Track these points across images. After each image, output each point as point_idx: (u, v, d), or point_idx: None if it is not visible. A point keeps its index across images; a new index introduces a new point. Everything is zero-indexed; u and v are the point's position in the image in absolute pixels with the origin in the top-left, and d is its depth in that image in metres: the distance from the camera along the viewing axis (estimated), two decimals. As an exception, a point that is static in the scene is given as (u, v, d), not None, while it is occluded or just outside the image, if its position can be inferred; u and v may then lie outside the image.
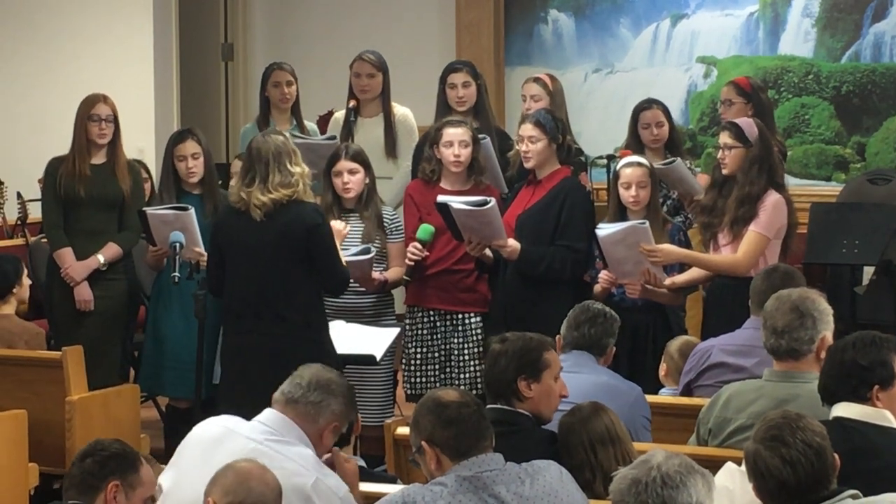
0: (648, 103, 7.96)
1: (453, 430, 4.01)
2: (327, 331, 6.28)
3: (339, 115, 8.20)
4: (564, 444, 4.57)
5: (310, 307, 6.21)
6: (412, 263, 7.04)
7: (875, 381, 4.30)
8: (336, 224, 6.62)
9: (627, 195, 6.78)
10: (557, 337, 5.57)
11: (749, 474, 3.79)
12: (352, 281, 7.01)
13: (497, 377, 4.68)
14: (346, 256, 6.89)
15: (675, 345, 6.19)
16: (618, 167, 6.96)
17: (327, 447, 4.51)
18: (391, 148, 7.94)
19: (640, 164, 6.84)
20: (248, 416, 4.58)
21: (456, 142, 7.09)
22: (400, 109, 8.06)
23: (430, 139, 7.26)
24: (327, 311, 7.07)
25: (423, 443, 4.05)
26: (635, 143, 7.87)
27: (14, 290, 7.06)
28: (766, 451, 3.72)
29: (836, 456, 3.77)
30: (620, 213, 6.84)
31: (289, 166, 6.16)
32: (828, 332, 4.86)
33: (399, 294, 7.35)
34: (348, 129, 8.00)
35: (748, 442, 3.86)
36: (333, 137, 7.91)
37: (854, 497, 3.73)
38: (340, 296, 6.76)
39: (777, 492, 3.71)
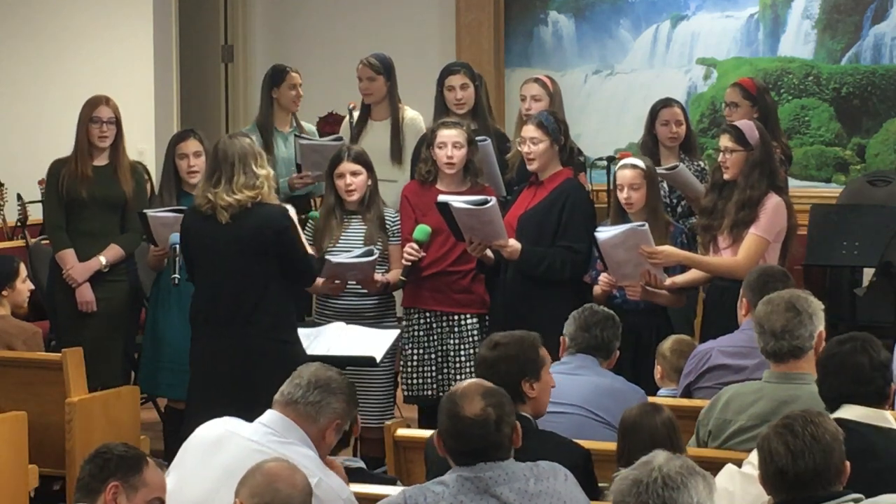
0: (668, 101, 7.97)
1: (458, 444, 4.00)
2: (296, 332, 6.28)
3: (348, 119, 8.21)
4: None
5: (278, 310, 6.19)
6: (409, 263, 7.04)
7: (890, 381, 4.36)
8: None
9: (621, 197, 6.79)
10: (562, 338, 5.58)
11: (758, 457, 3.79)
12: (354, 283, 7.04)
13: (500, 383, 4.64)
14: (348, 258, 6.92)
15: (666, 344, 6.19)
16: (615, 169, 6.97)
17: (330, 446, 4.51)
18: (396, 152, 7.92)
19: (633, 166, 6.83)
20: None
21: (449, 143, 7.09)
22: (409, 112, 8.04)
23: (426, 140, 7.27)
24: (329, 312, 7.11)
25: (435, 432, 4.07)
26: (651, 140, 7.88)
27: (4, 293, 7.04)
28: (775, 436, 3.74)
29: (847, 463, 3.76)
30: (621, 214, 6.84)
31: (254, 168, 6.15)
32: (822, 328, 4.87)
33: (401, 296, 7.35)
34: (357, 131, 7.99)
35: (765, 427, 3.86)
36: (340, 138, 7.92)
37: (856, 501, 3.73)
38: (310, 286, 6.77)
39: (775, 478, 3.72)
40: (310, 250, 6.39)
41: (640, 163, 6.91)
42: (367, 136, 7.98)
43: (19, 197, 9.39)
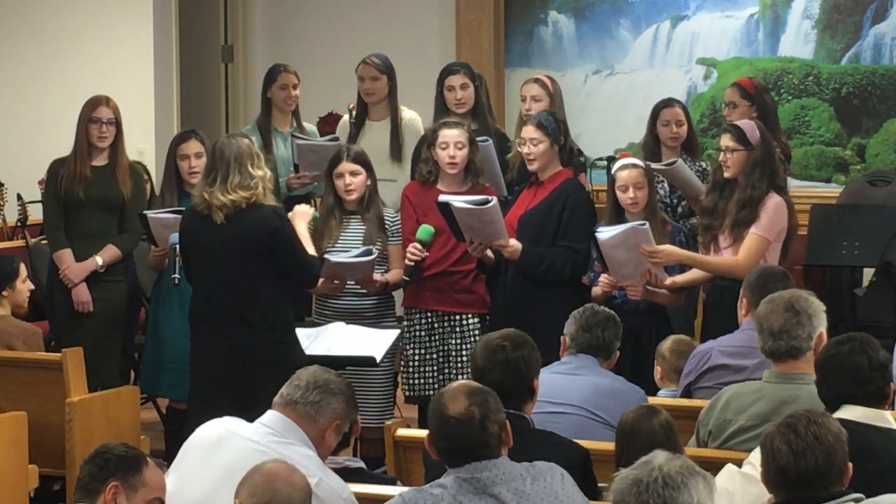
0: (669, 101, 7.96)
1: (446, 444, 4.01)
2: (293, 332, 6.31)
3: (347, 118, 8.20)
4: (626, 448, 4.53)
5: (274, 310, 6.22)
6: (412, 264, 7.04)
7: (890, 380, 4.36)
8: (301, 207, 6.64)
9: (625, 198, 6.78)
10: (562, 338, 5.58)
11: (760, 456, 3.79)
12: (353, 283, 7.04)
13: (518, 382, 4.62)
14: (347, 258, 6.92)
15: (665, 345, 6.18)
16: (613, 170, 6.96)
17: (330, 447, 4.52)
18: (396, 151, 7.92)
19: (634, 166, 6.84)
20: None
21: (451, 143, 7.09)
22: (408, 113, 8.04)
23: (427, 141, 7.27)
24: (328, 312, 7.11)
25: (426, 436, 4.08)
26: (653, 140, 7.87)
27: (4, 293, 7.04)
28: (778, 435, 3.74)
29: (850, 464, 3.76)
30: (618, 215, 6.84)
31: (250, 169, 6.18)
32: (822, 329, 4.88)
33: (400, 296, 7.36)
34: (355, 131, 7.99)
35: (769, 425, 3.86)
36: (337, 138, 7.92)
37: (857, 501, 3.73)
38: (313, 287, 6.78)
39: (776, 477, 3.72)
40: (311, 251, 6.40)
41: (640, 162, 6.93)
42: (366, 135, 7.98)
43: (19, 197, 9.39)
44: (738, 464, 4.40)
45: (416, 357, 7.21)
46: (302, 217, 6.60)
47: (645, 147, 7.92)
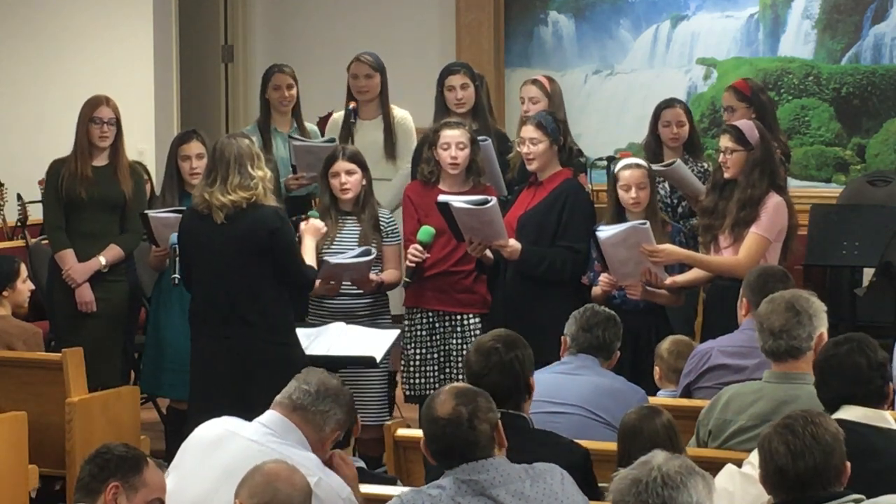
0: (671, 102, 7.96)
1: (437, 445, 4.02)
2: (294, 333, 6.31)
3: (338, 116, 8.19)
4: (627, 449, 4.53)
5: (275, 310, 6.23)
6: (413, 265, 7.04)
7: (889, 380, 4.37)
8: (316, 222, 6.64)
9: (627, 197, 6.78)
10: (563, 338, 5.58)
11: (759, 457, 3.79)
12: (348, 283, 7.04)
13: (515, 383, 4.63)
14: (346, 259, 6.92)
15: (664, 346, 6.18)
16: (616, 169, 6.96)
17: (325, 454, 4.51)
18: (390, 150, 7.93)
19: (638, 166, 6.84)
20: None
21: (453, 144, 7.09)
22: (399, 112, 8.06)
23: (428, 141, 7.27)
24: (324, 313, 7.10)
25: (422, 440, 4.09)
26: (655, 141, 7.87)
27: (5, 293, 7.04)
28: (776, 435, 3.74)
29: (848, 464, 3.76)
30: (619, 214, 6.84)
31: (250, 169, 6.19)
32: (823, 330, 4.88)
33: (394, 295, 7.35)
34: (348, 131, 8.00)
35: (766, 426, 3.86)
36: (333, 140, 7.91)
37: (857, 501, 3.73)
38: (308, 293, 6.81)
39: (775, 478, 3.72)
40: (307, 260, 6.40)
41: (643, 162, 6.94)
42: (357, 134, 7.98)
43: (19, 197, 9.39)
44: (738, 464, 4.40)
45: (417, 357, 7.21)
46: (314, 232, 6.60)
47: (647, 147, 7.92)
